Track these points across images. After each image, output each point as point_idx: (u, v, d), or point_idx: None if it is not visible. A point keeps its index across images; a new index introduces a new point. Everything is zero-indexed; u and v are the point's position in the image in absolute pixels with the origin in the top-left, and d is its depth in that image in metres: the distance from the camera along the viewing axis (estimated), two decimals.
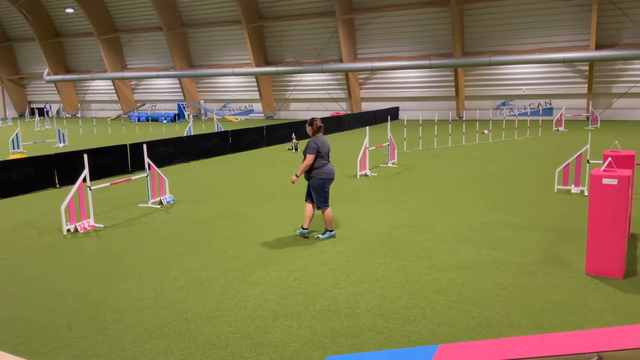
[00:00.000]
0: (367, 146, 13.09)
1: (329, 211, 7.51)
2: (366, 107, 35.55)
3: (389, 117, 16.82)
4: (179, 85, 41.07)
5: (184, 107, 39.04)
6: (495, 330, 4.63)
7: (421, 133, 19.63)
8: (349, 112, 35.25)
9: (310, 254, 6.88)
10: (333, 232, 7.67)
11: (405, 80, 34.16)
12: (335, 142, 20.90)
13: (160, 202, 10.27)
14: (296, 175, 7.35)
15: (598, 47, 27.95)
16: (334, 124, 25.54)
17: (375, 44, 33.91)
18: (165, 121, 36.72)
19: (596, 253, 5.80)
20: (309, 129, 7.47)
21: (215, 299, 5.48)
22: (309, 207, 7.60)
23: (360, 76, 35.42)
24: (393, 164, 14.55)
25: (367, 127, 13.87)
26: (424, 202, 9.91)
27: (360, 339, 4.56)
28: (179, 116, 37.51)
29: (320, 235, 7.62)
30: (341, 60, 34.20)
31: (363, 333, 4.67)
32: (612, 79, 29.03)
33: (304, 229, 7.68)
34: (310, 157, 7.21)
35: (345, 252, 6.97)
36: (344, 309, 5.16)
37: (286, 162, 15.98)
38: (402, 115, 33.49)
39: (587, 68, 29.04)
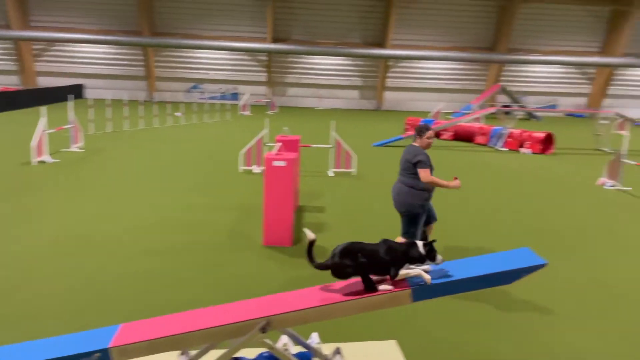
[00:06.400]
0: (45, 129, 11.67)
1: None
2: (45, 83, 31.53)
3: (73, 96, 15.31)
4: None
5: None
6: (186, 309, 4.80)
7: (112, 114, 18.57)
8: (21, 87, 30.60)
9: None
10: None
11: (90, 55, 31.65)
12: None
13: None
14: None
15: (274, 40, 31.38)
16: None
17: None
18: None
19: (271, 226, 6.61)
20: None
21: None
22: None
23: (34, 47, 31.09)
24: (79, 148, 13.37)
25: (45, 107, 12.32)
26: (113, 190, 9.47)
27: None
28: None
29: None
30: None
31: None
32: (286, 70, 33.17)
33: None
34: None
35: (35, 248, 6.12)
36: None
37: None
38: (90, 94, 30.96)
39: (266, 58, 32.31)
